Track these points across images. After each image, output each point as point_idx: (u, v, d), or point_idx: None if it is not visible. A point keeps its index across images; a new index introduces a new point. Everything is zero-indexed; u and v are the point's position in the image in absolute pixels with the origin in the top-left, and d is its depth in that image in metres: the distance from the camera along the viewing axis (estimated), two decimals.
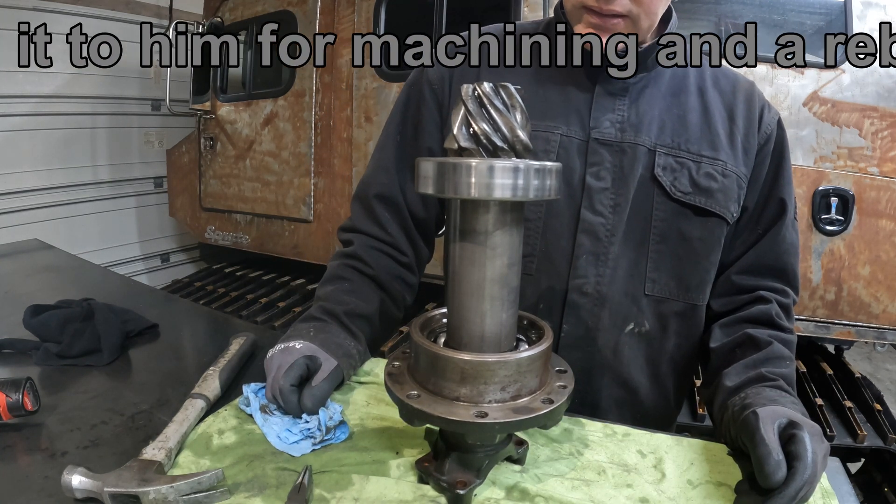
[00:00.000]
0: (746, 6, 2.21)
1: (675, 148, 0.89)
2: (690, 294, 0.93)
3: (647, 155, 0.89)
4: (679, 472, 0.71)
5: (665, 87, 0.91)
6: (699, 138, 0.89)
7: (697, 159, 0.89)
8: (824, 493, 0.67)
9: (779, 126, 0.94)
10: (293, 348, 0.80)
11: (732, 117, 0.92)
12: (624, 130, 0.89)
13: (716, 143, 0.90)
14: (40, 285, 1.44)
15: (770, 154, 0.93)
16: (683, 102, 0.91)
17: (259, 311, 3.00)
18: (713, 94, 0.92)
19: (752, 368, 0.82)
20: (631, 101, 0.90)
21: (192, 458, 0.70)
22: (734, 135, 0.91)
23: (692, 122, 0.90)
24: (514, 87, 0.57)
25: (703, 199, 0.89)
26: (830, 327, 2.20)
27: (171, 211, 3.93)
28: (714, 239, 0.91)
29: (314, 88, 2.99)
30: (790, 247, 0.93)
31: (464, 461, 0.65)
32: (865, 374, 2.31)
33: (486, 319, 0.60)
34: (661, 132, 0.89)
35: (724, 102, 0.92)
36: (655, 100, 0.90)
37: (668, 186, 0.88)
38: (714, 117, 0.91)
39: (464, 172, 0.54)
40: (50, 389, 0.88)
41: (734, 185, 0.90)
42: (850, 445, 1.94)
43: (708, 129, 0.90)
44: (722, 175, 0.89)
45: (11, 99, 3.26)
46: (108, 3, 3.62)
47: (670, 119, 0.90)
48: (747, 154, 0.92)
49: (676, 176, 0.89)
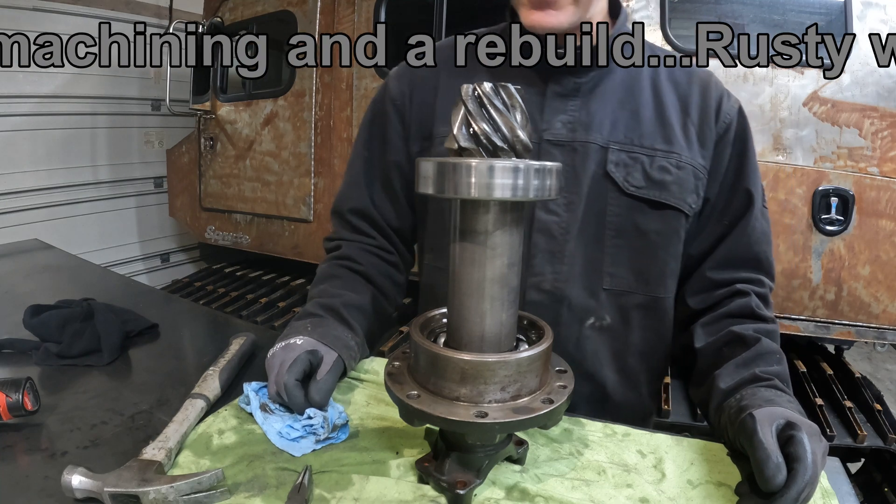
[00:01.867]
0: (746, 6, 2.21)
1: (629, 143, 0.89)
2: (651, 286, 0.94)
3: (599, 152, 0.89)
4: (679, 472, 0.71)
5: (617, 84, 0.91)
6: (652, 132, 0.90)
7: (651, 153, 0.89)
8: (824, 492, 0.67)
9: (739, 115, 0.94)
10: (294, 345, 0.81)
11: (686, 109, 0.91)
12: (575, 130, 0.89)
13: (670, 136, 0.90)
14: (40, 285, 1.44)
15: (731, 143, 0.93)
16: (636, 98, 0.91)
17: (259, 311, 3.00)
18: (667, 86, 0.92)
19: (745, 368, 0.82)
20: (582, 101, 0.90)
21: (192, 458, 0.70)
22: (688, 127, 0.91)
23: (645, 116, 0.90)
24: (514, 87, 0.57)
25: (657, 192, 0.89)
26: (830, 327, 2.20)
27: (171, 211, 3.93)
28: (671, 231, 0.92)
29: (314, 88, 2.99)
30: (761, 235, 0.93)
31: (464, 461, 0.65)
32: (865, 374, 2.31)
33: (486, 319, 0.60)
34: (614, 129, 0.90)
35: (679, 94, 0.92)
36: (607, 97, 0.90)
37: (621, 182, 0.89)
38: (668, 110, 0.91)
39: (464, 172, 0.54)
40: (50, 389, 0.88)
41: (690, 176, 0.90)
42: (850, 445, 1.94)
43: (661, 122, 0.90)
44: (676, 167, 0.89)
45: (11, 99, 3.26)
46: (108, 3, 3.62)
47: (623, 115, 0.90)
48: (704, 145, 0.91)
49: (629, 171, 0.89)
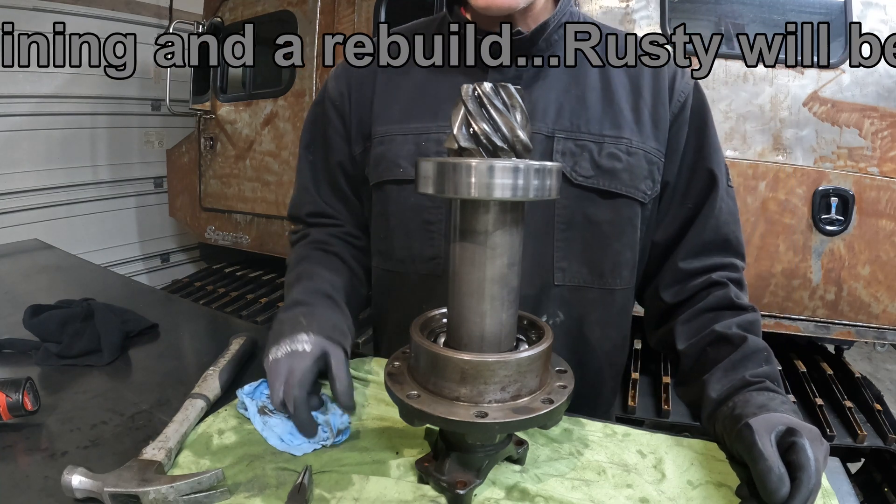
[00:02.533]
0: (746, 6, 2.21)
1: (575, 131, 0.85)
2: (605, 279, 0.90)
3: (544, 142, 0.85)
4: (679, 472, 0.71)
5: (561, 70, 0.87)
6: (600, 117, 0.86)
7: (599, 140, 0.85)
8: (824, 492, 0.67)
9: (696, 91, 0.89)
10: (301, 353, 0.74)
11: (638, 90, 0.87)
12: None
13: (619, 121, 0.86)
14: (40, 285, 1.44)
15: (687, 122, 0.88)
16: (582, 82, 0.87)
17: (259, 311, 3.00)
18: (616, 68, 0.88)
19: (734, 372, 0.79)
20: (525, 90, 0.85)
21: (192, 458, 0.70)
22: (640, 109, 0.87)
23: (592, 100, 0.86)
24: (514, 87, 0.57)
25: (606, 181, 0.85)
26: (830, 327, 2.20)
27: (171, 211, 3.93)
28: (624, 220, 0.88)
29: (314, 88, 2.99)
30: (728, 216, 0.89)
31: (464, 461, 0.65)
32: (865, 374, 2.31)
33: (486, 319, 0.60)
34: (559, 116, 0.86)
35: (629, 75, 0.88)
36: (551, 83, 0.87)
37: (569, 172, 0.85)
38: (617, 93, 0.86)
39: (464, 172, 0.54)
40: (50, 389, 0.88)
41: (642, 161, 0.86)
42: (850, 445, 1.94)
43: (610, 106, 0.86)
44: (627, 154, 0.85)
45: (11, 99, 3.26)
46: (108, 3, 3.62)
47: (568, 101, 0.86)
48: (658, 127, 0.87)
49: (577, 160, 0.85)
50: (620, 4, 2.20)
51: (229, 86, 3.45)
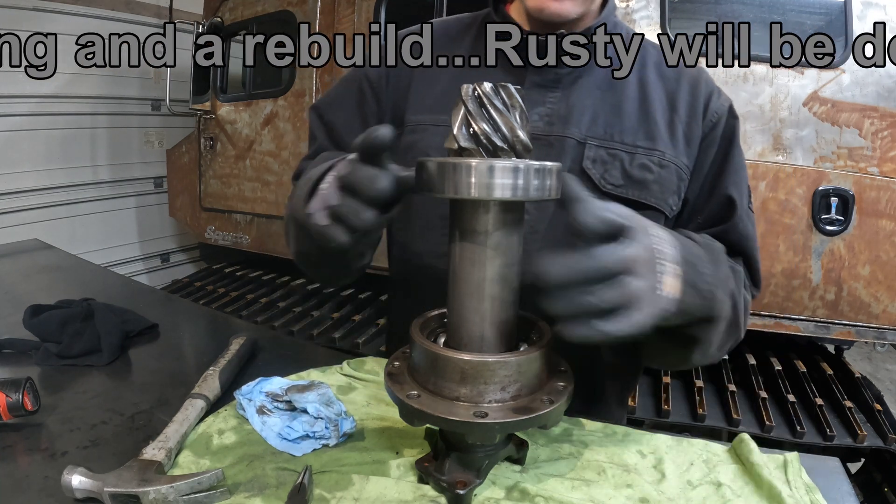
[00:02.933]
0: (746, 6, 2.21)
1: (608, 139, 0.85)
2: None
3: (575, 147, 0.85)
4: (679, 472, 0.71)
5: (601, 76, 0.87)
6: (635, 128, 0.85)
7: (631, 150, 0.84)
8: (808, 488, 0.67)
9: (729, 114, 0.89)
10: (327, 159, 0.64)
11: (674, 105, 0.87)
12: (552, 123, 0.85)
13: (653, 133, 0.85)
14: (40, 285, 1.44)
15: (716, 143, 0.87)
16: (620, 91, 0.86)
17: (259, 311, 3.00)
18: (655, 81, 0.88)
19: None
20: (563, 93, 0.86)
21: (192, 458, 0.70)
22: (675, 124, 0.86)
23: (628, 111, 0.86)
24: (514, 87, 0.57)
25: (636, 191, 0.84)
26: (830, 327, 2.20)
27: (171, 211, 3.93)
28: None
29: (314, 88, 2.99)
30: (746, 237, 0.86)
31: (464, 461, 0.65)
32: (865, 374, 2.31)
33: (486, 319, 0.60)
34: (593, 123, 0.85)
35: (666, 90, 0.87)
36: (589, 90, 0.86)
37: (598, 179, 0.84)
38: (653, 105, 0.86)
39: (464, 172, 0.54)
40: (50, 389, 0.88)
41: (673, 176, 0.85)
42: (850, 445, 1.95)
43: (645, 118, 0.85)
44: (659, 166, 0.84)
45: (11, 99, 3.26)
46: (108, 3, 3.62)
47: (604, 109, 0.86)
48: (689, 144, 0.87)
49: (607, 168, 0.84)
50: (620, 4, 2.20)
51: (229, 86, 3.45)
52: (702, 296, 0.62)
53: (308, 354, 1.05)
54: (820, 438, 1.95)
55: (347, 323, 2.79)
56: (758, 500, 0.66)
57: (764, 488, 0.67)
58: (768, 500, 0.65)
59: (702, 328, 0.67)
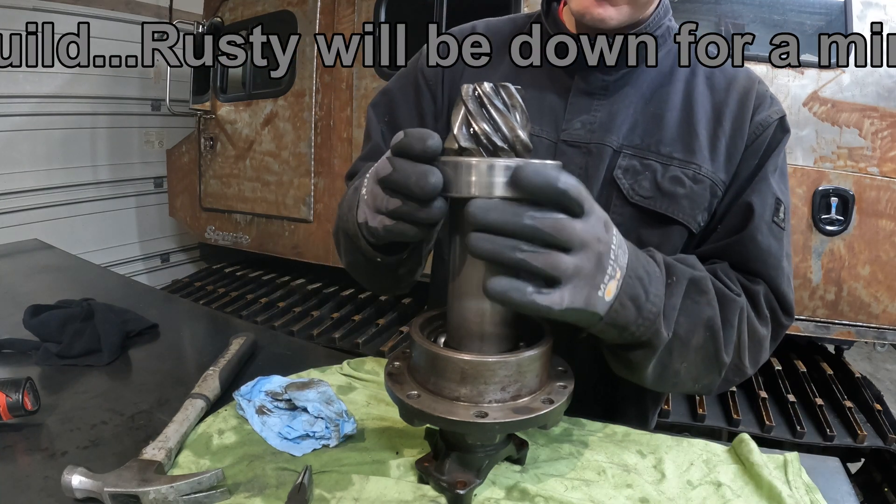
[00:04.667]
0: (746, 6, 2.21)
1: (644, 149, 0.83)
2: None
3: (611, 156, 0.84)
4: (679, 472, 0.71)
5: (647, 85, 0.85)
6: (674, 139, 0.83)
7: (666, 161, 0.82)
8: (808, 488, 0.67)
9: (778, 126, 0.84)
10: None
11: (719, 118, 0.83)
12: (593, 131, 0.84)
13: (693, 146, 0.82)
14: (40, 285, 1.44)
15: (757, 154, 0.83)
16: (664, 100, 0.84)
17: (259, 311, 3.00)
18: (702, 92, 0.85)
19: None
20: (608, 101, 0.85)
21: (192, 458, 0.70)
22: (718, 137, 0.83)
23: (669, 121, 0.83)
24: (514, 87, 0.57)
25: (665, 204, 0.82)
26: (830, 327, 2.20)
27: (171, 211, 3.93)
28: (672, 247, 0.84)
29: (314, 88, 2.99)
30: (765, 254, 0.80)
31: (464, 461, 0.65)
32: (865, 374, 2.31)
33: (486, 319, 0.60)
34: (631, 132, 0.84)
35: (714, 101, 0.84)
36: (632, 98, 0.85)
37: (626, 189, 0.83)
38: (697, 116, 0.83)
39: (464, 171, 0.54)
40: (50, 389, 0.88)
41: (706, 192, 0.82)
42: (850, 445, 1.95)
43: (687, 129, 0.83)
44: (692, 180, 0.81)
45: (11, 99, 3.26)
46: (108, 3, 3.62)
47: (644, 118, 0.84)
48: (731, 159, 0.83)
49: (637, 179, 0.83)
50: None
51: (229, 86, 3.45)
52: (641, 315, 0.60)
53: (308, 354, 1.05)
54: (820, 438, 1.95)
55: (347, 323, 2.79)
56: (758, 500, 0.66)
57: (764, 488, 0.67)
58: (768, 500, 0.65)
59: (638, 352, 0.66)
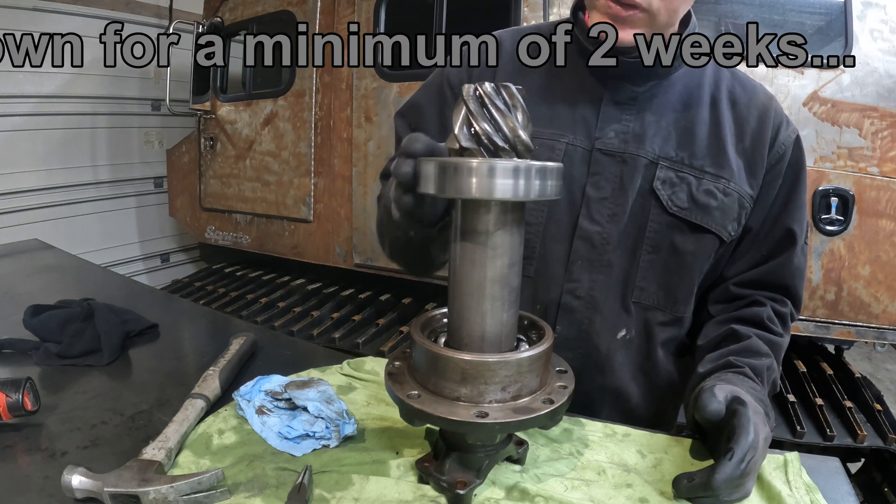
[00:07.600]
0: (746, 6, 2.21)
1: (679, 162, 0.88)
2: (677, 306, 0.93)
3: (647, 167, 0.88)
4: (679, 472, 0.70)
5: (675, 98, 0.89)
6: (704, 153, 0.88)
7: (699, 175, 0.87)
8: (808, 488, 0.67)
9: (795, 145, 0.91)
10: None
11: (742, 134, 0.89)
12: (627, 141, 0.88)
13: (721, 160, 0.88)
14: (40, 285, 1.44)
15: (782, 175, 0.90)
16: (693, 114, 0.88)
17: (259, 311, 3.00)
18: (726, 106, 0.90)
19: (724, 357, 0.83)
20: (638, 111, 0.88)
21: (192, 458, 0.70)
22: (740, 153, 0.89)
23: (699, 135, 0.88)
24: (515, 87, 0.57)
25: (699, 215, 0.88)
26: (830, 327, 2.20)
27: (171, 211, 3.93)
28: (705, 255, 0.91)
29: (314, 88, 2.99)
30: (796, 271, 0.93)
31: (464, 461, 0.65)
32: (865, 374, 2.31)
33: (486, 319, 0.60)
34: (665, 144, 0.88)
35: (736, 117, 0.89)
36: (664, 110, 0.88)
37: (666, 200, 0.88)
38: (724, 132, 0.88)
39: (465, 172, 0.54)
40: (50, 389, 0.88)
41: (735, 204, 0.88)
42: (850, 445, 1.94)
43: (716, 144, 0.88)
44: (723, 193, 0.87)
45: (11, 99, 3.26)
46: (108, 3, 3.62)
47: (677, 131, 0.88)
48: (753, 175, 0.89)
49: (675, 190, 0.88)
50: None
51: (229, 86, 3.45)
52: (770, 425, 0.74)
53: (308, 354, 1.05)
54: (820, 438, 1.95)
55: (347, 323, 2.79)
56: (758, 500, 0.66)
57: (764, 488, 0.67)
58: (768, 500, 0.65)
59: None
